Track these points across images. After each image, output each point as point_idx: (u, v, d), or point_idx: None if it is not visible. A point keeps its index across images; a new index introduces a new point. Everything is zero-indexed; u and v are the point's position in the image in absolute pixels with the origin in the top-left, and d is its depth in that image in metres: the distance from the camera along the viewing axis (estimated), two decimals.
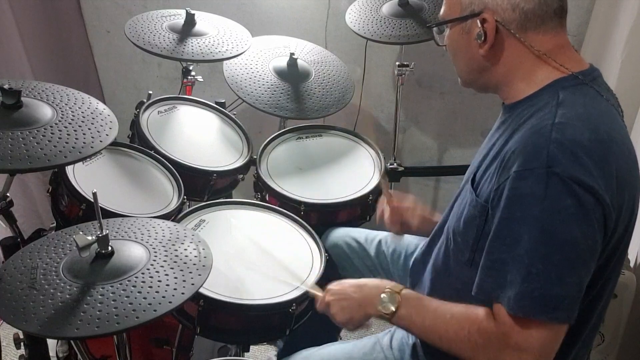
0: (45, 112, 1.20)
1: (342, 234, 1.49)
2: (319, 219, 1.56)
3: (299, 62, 1.83)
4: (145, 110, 1.64)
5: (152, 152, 1.54)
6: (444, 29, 1.05)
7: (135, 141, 1.61)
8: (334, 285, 1.12)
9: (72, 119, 1.20)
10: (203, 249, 1.11)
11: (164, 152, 1.55)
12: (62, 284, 0.98)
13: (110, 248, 1.03)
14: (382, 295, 1.02)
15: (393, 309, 1.01)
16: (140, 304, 0.94)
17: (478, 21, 0.95)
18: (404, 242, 1.42)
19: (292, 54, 1.81)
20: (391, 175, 1.90)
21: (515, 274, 0.86)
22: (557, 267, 0.85)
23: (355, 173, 1.65)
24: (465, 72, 1.05)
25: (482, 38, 0.95)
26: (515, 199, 0.86)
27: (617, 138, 0.91)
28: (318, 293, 1.16)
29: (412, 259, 1.25)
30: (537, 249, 0.85)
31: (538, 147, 0.86)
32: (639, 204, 0.97)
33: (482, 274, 0.92)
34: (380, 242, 1.44)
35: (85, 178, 1.36)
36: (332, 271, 1.37)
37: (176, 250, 1.09)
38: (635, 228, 0.97)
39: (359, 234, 1.48)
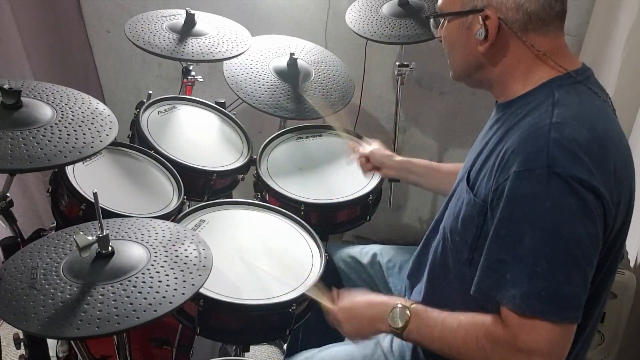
0: (45, 112, 1.20)
1: (337, 253, 1.49)
2: (319, 219, 1.56)
3: (299, 62, 1.83)
4: (145, 110, 1.64)
5: (152, 152, 1.54)
6: (441, 21, 1.03)
7: (135, 141, 1.61)
8: (345, 302, 1.11)
9: (72, 119, 1.20)
10: (203, 249, 1.11)
11: (164, 152, 1.55)
12: (62, 284, 0.98)
13: (110, 248, 1.03)
14: (392, 311, 1.02)
15: (402, 324, 1.00)
16: (140, 304, 0.94)
17: (480, 18, 0.94)
18: (398, 251, 1.42)
19: (292, 54, 1.81)
20: None
21: (518, 274, 0.86)
22: (563, 266, 0.84)
23: (355, 173, 1.64)
24: (461, 66, 1.04)
25: (483, 36, 0.94)
26: (516, 199, 0.86)
27: (613, 136, 0.91)
28: (328, 305, 1.16)
29: (411, 261, 1.25)
30: (541, 248, 0.84)
31: (537, 147, 0.86)
32: (634, 200, 0.97)
33: (480, 274, 0.92)
34: (375, 254, 1.44)
35: (85, 178, 1.36)
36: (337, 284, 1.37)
37: (176, 250, 1.09)
38: (636, 229, 0.97)
39: (354, 250, 1.49)
